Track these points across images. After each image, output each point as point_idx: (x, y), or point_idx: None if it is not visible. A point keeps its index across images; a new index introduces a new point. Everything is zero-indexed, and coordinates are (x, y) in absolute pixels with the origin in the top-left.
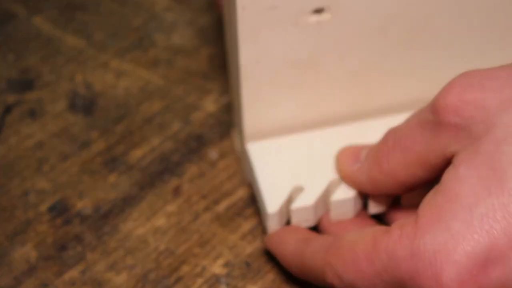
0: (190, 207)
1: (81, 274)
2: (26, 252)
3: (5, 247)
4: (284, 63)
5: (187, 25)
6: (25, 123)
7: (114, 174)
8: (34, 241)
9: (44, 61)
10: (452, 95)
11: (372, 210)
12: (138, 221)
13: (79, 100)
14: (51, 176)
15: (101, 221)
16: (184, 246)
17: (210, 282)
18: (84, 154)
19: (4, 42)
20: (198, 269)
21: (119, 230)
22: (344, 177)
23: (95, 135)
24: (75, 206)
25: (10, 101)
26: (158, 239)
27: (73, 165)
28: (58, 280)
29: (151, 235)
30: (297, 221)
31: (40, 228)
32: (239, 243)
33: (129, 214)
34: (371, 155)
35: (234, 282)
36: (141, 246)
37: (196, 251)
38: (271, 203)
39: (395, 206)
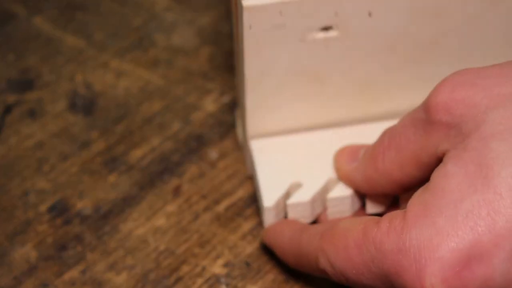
0: (190, 207)
1: (81, 274)
2: (26, 252)
3: (5, 247)
4: (289, 76)
5: (187, 25)
6: (25, 123)
7: (114, 174)
8: (34, 241)
9: (44, 61)
10: (443, 94)
11: (370, 210)
12: (138, 221)
13: (79, 100)
14: (51, 176)
15: (101, 221)
16: (184, 246)
17: (210, 282)
18: (84, 154)
19: (4, 42)
20: (198, 269)
21: (119, 230)
22: (341, 176)
23: (95, 135)
24: (75, 206)
25: (10, 101)
26: (158, 239)
27: (73, 165)
28: (58, 280)
29: (151, 235)
30: (293, 217)
31: (40, 228)
32: (239, 243)
33: (129, 214)
34: (368, 154)
35: (234, 282)
36: (141, 246)
37: (196, 251)
38: (268, 197)
39: (394, 207)
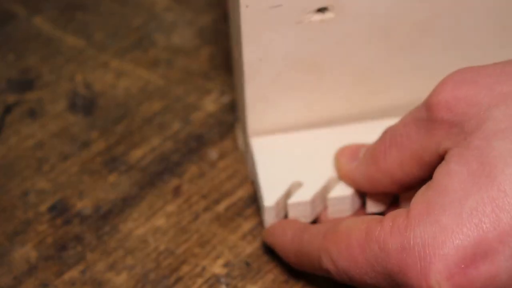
0: (190, 207)
1: (81, 274)
2: (26, 252)
3: (5, 247)
4: (287, 62)
5: (187, 25)
6: (25, 123)
7: (114, 174)
8: (34, 241)
9: (44, 61)
10: (445, 92)
11: (370, 209)
12: (138, 221)
13: (79, 100)
14: (51, 176)
15: (101, 221)
16: (184, 246)
17: (210, 282)
18: (84, 154)
19: (4, 42)
20: (198, 269)
21: (119, 230)
22: (342, 175)
23: (95, 135)
24: (75, 206)
25: (10, 101)
26: (158, 239)
27: (73, 165)
28: (58, 280)
29: (151, 235)
30: (294, 216)
31: (40, 228)
32: (239, 243)
33: (129, 214)
34: (369, 154)
35: (234, 282)
36: (141, 246)
37: (196, 251)
38: (269, 197)
39: (394, 206)
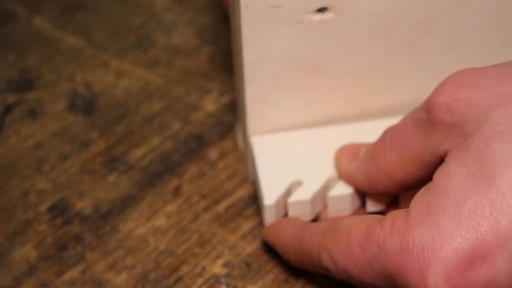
0: (190, 207)
1: (81, 274)
2: (26, 252)
3: (5, 247)
4: (287, 62)
5: (187, 25)
6: (25, 123)
7: (114, 174)
8: (34, 241)
9: (44, 61)
10: (444, 93)
11: (370, 209)
12: (138, 221)
13: (79, 100)
14: (51, 176)
15: (101, 221)
16: (184, 246)
17: (210, 282)
18: (84, 154)
19: (4, 42)
20: (198, 269)
21: (119, 230)
22: (342, 174)
23: (95, 135)
24: (75, 206)
25: (10, 101)
26: (158, 239)
27: (73, 165)
28: (58, 280)
29: (151, 235)
30: (294, 215)
31: (40, 228)
32: (239, 243)
33: (129, 214)
34: (369, 153)
35: (234, 282)
36: (141, 246)
37: (196, 251)
38: (269, 195)
39: (394, 206)
